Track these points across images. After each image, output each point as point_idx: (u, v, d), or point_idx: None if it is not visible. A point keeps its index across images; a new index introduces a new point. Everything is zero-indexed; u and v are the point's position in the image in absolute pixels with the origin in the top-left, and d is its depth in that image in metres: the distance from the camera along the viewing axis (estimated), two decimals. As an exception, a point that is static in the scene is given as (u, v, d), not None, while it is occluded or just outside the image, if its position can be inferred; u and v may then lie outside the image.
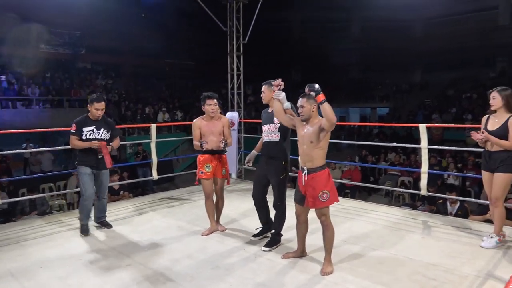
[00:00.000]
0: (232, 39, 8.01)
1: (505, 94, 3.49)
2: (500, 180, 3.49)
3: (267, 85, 3.76)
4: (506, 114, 3.49)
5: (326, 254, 3.17)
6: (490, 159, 3.57)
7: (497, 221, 3.58)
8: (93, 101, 4.12)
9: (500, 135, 3.46)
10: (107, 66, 19.42)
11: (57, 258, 3.49)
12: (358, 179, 9.58)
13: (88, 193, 4.08)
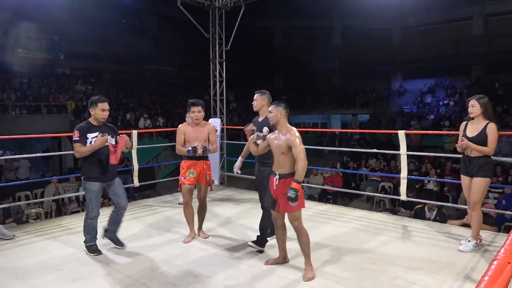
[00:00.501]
0: (214, 46, 8.02)
1: (483, 102, 3.61)
2: (479, 185, 3.58)
3: (259, 94, 3.91)
4: (484, 121, 3.60)
5: (306, 259, 3.18)
6: (470, 165, 3.66)
7: (475, 225, 3.64)
8: (96, 102, 3.62)
9: (479, 141, 3.56)
10: (87, 71, 19.08)
11: (33, 268, 3.38)
12: (339, 185, 9.68)
13: (94, 213, 3.69)
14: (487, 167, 3.59)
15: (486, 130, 3.55)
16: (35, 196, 8.80)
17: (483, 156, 3.58)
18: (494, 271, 0.96)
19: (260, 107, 3.89)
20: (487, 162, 3.59)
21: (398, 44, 24.24)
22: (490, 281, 0.91)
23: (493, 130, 3.55)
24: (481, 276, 0.94)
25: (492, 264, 0.99)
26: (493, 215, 5.60)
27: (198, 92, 21.07)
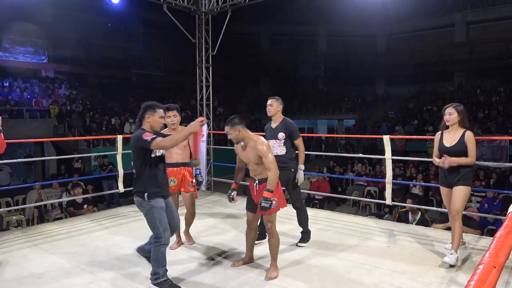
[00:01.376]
0: (201, 51, 8.01)
1: (460, 109, 3.53)
2: (461, 193, 3.48)
3: (275, 99, 4.02)
4: (460, 129, 3.51)
5: (272, 260, 3.30)
6: (450, 175, 3.55)
7: (457, 235, 3.49)
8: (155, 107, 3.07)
9: (459, 151, 3.48)
10: (71, 75, 18.79)
11: (14, 277, 3.29)
12: (326, 189, 9.73)
13: (167, 234, 3.05)
14: (468, 175, 3.51)
15: (465, 139, 3.46)
16: (16, 202, 8.59)
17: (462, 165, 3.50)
18: (480, 275, 0.97)
19: (275, 113, 4.00)
20: (468, 171, 3.52)
21: (383, 50, 24.61)
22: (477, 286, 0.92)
23: (472, 138, 3.48)
24: (467, 281, 0.94)
25: (478, 268, 0.99)
26: (476, 218, 5.69)
27: (185, 96, 20.99)
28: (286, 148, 3.97)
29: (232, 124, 3.18)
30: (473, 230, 4.70)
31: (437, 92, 21.59)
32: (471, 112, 18.04)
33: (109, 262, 3.63)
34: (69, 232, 4.57)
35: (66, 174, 11.62)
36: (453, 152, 3.50)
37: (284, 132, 3.96)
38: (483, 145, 14.40)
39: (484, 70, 20.31)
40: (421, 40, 23.31)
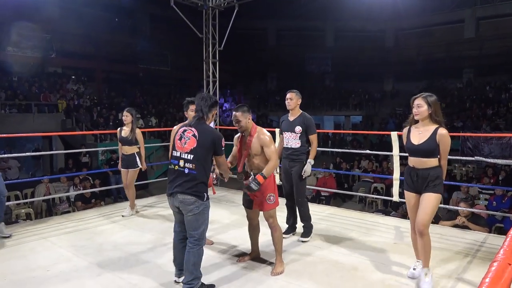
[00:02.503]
0: (207, 46, 7.99)
1: (431, 101, 2.97)
2: (430, 202, 2.90)
3: (295, 93, 4.02)
4: (432, 125, 2.96)
5: (277, 254, 3.29)
6: (418, 178, 2.98)
7: (426, 252, 2.95)
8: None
9: (428, 151, 2.93)
10: (79, 70, 18.89)
11: (22, 270, 3.33)
12: (332, 186, 9.69)
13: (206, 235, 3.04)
14: (439, 180, 2.94)
15: (436, 137, 2.90)
16: (25, 196, 8.68)
17: (432, 167, 2.94)
18: (495, 272, 0.94)
19: (295, 106, 4.02)
20: (438, 176, 2.94)
21: (391, 46, 24.39)
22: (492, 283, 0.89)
23: (445, 137, 2.91)
24: (482, 278, 0.92)
25: (492, 265, 0.97)
26: (484, 216, 5.64)
27: (191, 92, 20.99)
28: (300, 142, 3.98)
29: (243, 111, 3.17)
30: (481, 228, 4.65)
31: (446, 89, 21.38)
32: (480, 109, 17.87)
33: (116, 255, 3.65)
34: (77, 225, 4.61)
35: (74, 168, 11.71)
36: (420, 151, 2.96)
37: (301, 126, 3.97)
38: (491, 142, 14.25)
39: (493, 66, 20.06)
40: (430, 36, 23.05)
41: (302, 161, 3.99)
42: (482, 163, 11.45)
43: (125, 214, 5.00)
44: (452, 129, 16.48)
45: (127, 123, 5.05)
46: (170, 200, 2.90)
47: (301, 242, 3.99)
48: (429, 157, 2.93)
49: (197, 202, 2.79)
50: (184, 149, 2.83)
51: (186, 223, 2.87)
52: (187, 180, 2.78)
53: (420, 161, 2.96)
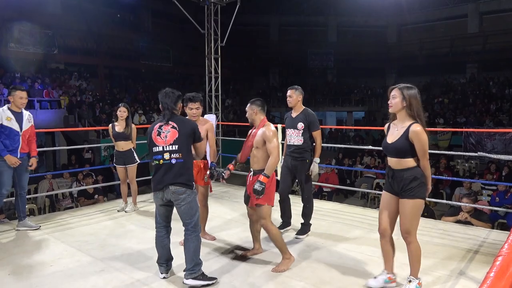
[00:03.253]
0: (209, 42, 7.97)
1: (408, 93, 2.65)
2: (409, 209, 2.67)
3: (294, 90, 3.99)
4: (408, 120, 2.66)
5: (281, 253, 3.27)
6: (394, 180, 2.73)
7: (414, 261, 2.78)
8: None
9: (401, 149, 2.65)
10: (81, 66, 18.92)
11: (26, 265, 3.35)
12: (335, 182, 9.68)
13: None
14: (415, 183, 2.63)
15: (409, 134, 2.59)
16: (28, 192, 8.71)
17: (409, 168, 2.65)
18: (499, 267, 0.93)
19: (296, 103, 3.99)
20: (414, 178, 2.64)
21: (393, 41, 24.29)
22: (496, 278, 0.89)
23: (419, 135, 2.58)
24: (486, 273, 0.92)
25: (497, 260, 0.97)
26: (486, 212, 5.63)
27: (193, 88, 20.99)
28: (303, 139, 3.94)
29: (251, 103, 3.36)
30: (483, 224, 4.65)
31: (449, 84, 21.29)
32: (483, 104, 17.78)
33: (119, 250, 3.67)
34: (80, 221, 4.64)
35: (77, 164, 11.74)
36: (392, 150, 2.70)
37: (304, 122, 3.93)
38: (494, 138, 14.20)
39: (497, 61, 19.95)
40: (433, 31, 22.93)
41: (305, 159, 3.96)
42: (485, 159, 11.42)
43: (128, 210, 5.02)
44: (455, 124, 16.44)
45: (123, 118, 5.03)
46: (160, 195, 2.97)
47: (296, 239, 3.98)
48: (403, 157, 2.65)
49: (188, 191, 2.94)
50: (167, 142, 2.93)
51: (180, 214, 2.98)
52: (177, 170, 2.91)
53: (394, 161, 2.71)
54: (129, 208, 5.05)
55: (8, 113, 4.01)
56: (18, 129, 4.07)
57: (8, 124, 3.99)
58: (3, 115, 3.98)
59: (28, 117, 4.20)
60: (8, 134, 3.99)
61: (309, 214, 4.09)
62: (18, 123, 4.06)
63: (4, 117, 3.98)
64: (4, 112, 4.00)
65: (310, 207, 4.09)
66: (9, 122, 4.00)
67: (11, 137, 4.01)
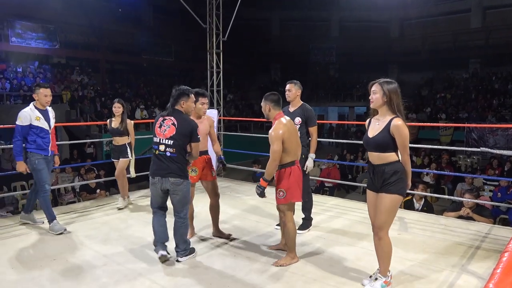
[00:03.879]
0: (211, 36, 7.95)
1: (388, 88, 2.63)
2: (385, 204, 2.65)
3: (293, 84, 3.98)
4: (389, 115, 2.65)
5: (288, 248, 3.28)
6: (375, 175, 2.72)
7: (383, 257, 2.74)
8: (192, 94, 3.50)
9: (381, 144, 2.64)
10: (83, 61, 18.92)
11: (30, 258, 3.37)
12: (336, 177, 9.69)
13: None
14: (395, 178, 2.63)
15: (390, 129, 2.59)
16: (31, 186, 8.75)
17: (389, 163, 2.64)
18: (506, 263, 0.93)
19: (295, 97, 3.98)
20: (395, 172, 2.63)
21: (396, 36, 24.15)
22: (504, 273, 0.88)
23: (400, 129, 2.56)
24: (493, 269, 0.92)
25: (503, 256, 0.96)
26: (488, 207, 5.63)
27: (195, 83, 20.95)
28: (300, 133, 3.88)
29: (265, 98, 3.34)
30: (485, 219, 4.65)
31: (451, 79, 21.20)
32: (485, 99, 17.71)
33: (121, 244, 3.69)
34: (83, 215, 4.66)
35: (79, 159, 11.77)
36: (373, 145, 2.69)
37: (302, 117, 3.93)
38: (497, 133, 14.16)
39: (500, 56, 19.81)
40: (436, 26, 22.77)
41: (301, 154, 3.88)
42: (487, 155, 11.39)
43: (119, 206, 4.93)
44: (457, 120, 16.39)
45: (118, 114, 4.99)
46: (158, 184, 3.20)
47: (297, 234, 3.95)
48: (383, 151, 2.64)
49: (185, 182, 3.24)
50: (164, 136, 3.19)
51: (175, 202, 3.25)
52: (172, 163, 3.18)
53: (375, 156, 2.70)
54: (120, 204, 4.95)
55: (36, 113, 3.96)
56: (47, 127, 4.04)
57: (38, 123, 3.95)
58: (32, 114, 3.93)
59: (53, 114, 4.18)
60: (39, 134, 3.96)
61: (309, 209, 4.09)
62: (46, 121, 4.02)
63: (34, 117, 3.93)
64: (33, 112, 3.95)
65: (309, 201, 4.09)
66: (39, 121, 3.95)
67: (42, 136, 3.98)
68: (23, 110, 3.96)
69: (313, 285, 2.90)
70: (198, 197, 5.58)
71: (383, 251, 2.73)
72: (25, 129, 3.90)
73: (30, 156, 3.95)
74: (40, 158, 3.98)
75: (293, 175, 3.21)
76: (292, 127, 3.29)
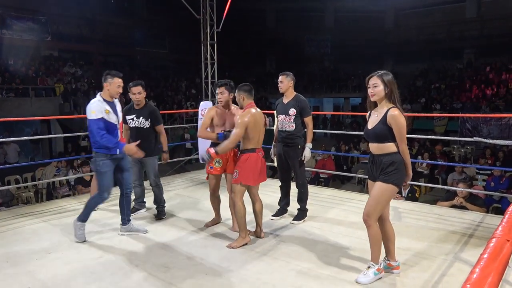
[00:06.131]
0: (205, 27, 7.88)
1: (388, 80, 2.68)
2: (377, 192, 2.70)
3: (285, 75, 3.99)
4: (387, 106, 2.69)
5: (239, 231, 3.46)
6: (374, 165, 2.78)
7: (373, 245, 2.78)
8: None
9: (379, 134, 2.69)
10: (76, 54, 18.72)
11: (25, 252, 3.37)
12: (331, 168, 9.73)
13: None
14: (392, 168, 2.66)
15: (387, 119, 2.62)
16: (25, 180, 8.72)
17: (388, 153, 2.68)
18: (493, 248, 0.95)
19: (287, 89, 3.99)
20: (392, 163, 2.66)
21: (391, 26, 24.09)
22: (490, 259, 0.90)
23: (397, 118, 2.60)
24: (480, 254, 0.93)
25: (490, 242, 0.98)
26: (482, 196, 5.69)
27: (190, 75, 20.84)
28: (295, 124, 3.96)
29: (239, 89, 3.52)
30: (478, 208, 4.70)
31: (446, 70, 21.22)
32: (480, 89, 17.79)
33: (116, 238, 3.69)
34: (78, 208, 4.63)
35: (73, 152, 11.72)
36: (372, 136, 2.74)
37: (295, 108, 3.94)
38: (491, 123, 14.25)
39: (494, 47, 19.83)
40: (431, 16, 22.72)
41: (297, 144, 3.97)
42: (481, 144, 11.48)
43: None
44: (452, 110, 16.46)
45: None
46: None
47: (293, 224, 4.01)
48: (381, 141, 2.68)
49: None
50: None
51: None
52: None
53: (374, 146, 2.74)
54: None
55: (105, 105, 3.45)
56: (116, 122, 3.54)
57: (107, 117, 3.44)
58: (101, 106, 3.42)
59: (119, 107, 3.70)
60: (109, 129, 3.46)
61: (305, 200, 4.11)
62: (115, 115, 3.53)
63: (103, 110, 3.42)
64: (102, 104, 3.44)
65: (305, 192, 4.11)
66: (108, 115, 3.44)
67: (111, 131, 3.48)
68: (93, 102, 3.44)
69: (308, 275, 2.92)
70: (195, 188, 5.59)
71: (373, 239, 2.77)
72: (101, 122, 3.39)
73: (96, 157, 3.48)
74: (105, 159, 3.48)
75: (249, 161, 3.40)
76: (259, 118, 3.46)
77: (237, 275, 2.93)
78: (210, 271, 2.99)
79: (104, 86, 3.55)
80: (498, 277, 0.87)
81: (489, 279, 0.82)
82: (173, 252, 3.34)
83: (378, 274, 2.78)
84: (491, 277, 0.83)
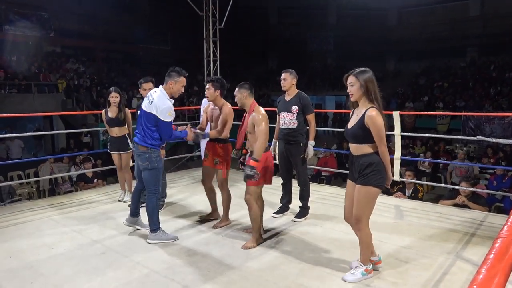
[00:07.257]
0: (208, 24, 7.87)
1: (364, 78, 2.61)
2: (359, 196, 2.65)
3: (289, 73, 3.98)
4: (367, 105, 2.62)
5: (253, 232, 3.40)
6: (353, 166, 2.72)
7: (363, 248, 2.78)
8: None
9: (357, 135, 2.62)
10: (78, 50, 18.73)
11: (27, 247, 3.38)
12: (333, 165, 9.71)
13: None
14: (370, 169, 2.59)
15: (365, 119, 2.54)
16: (28, 175, 8.75)
17: (366, 154, 2.61)
18: (498, 249, 0.94)
19: (290, 86, 3.99)
20: (369, 164, 2.58)
21: (394, 24, 24.01)
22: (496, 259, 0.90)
23: (374, 119, 2.52)
24: (486, 254, 0.93)
25: (496, 242, 0.97)
26: (484, 195, 5.67)
27: (192, 72, 20.80)
28: (297, 122, 3.95)
29: (240, 87, 3.45)
30: (480, 207, 4.69)
31: (449, 68, 21.15)
32: (483, 88, 17.71)
33: (119, 234, 3.70)
34: (80, 205, 4.66)
35: (76, 148, 11.74)
36: (350, 136, 2.70)
37: (298, 106, 3.94)
38: (493, 122, 14.20)
39: (498, 45, 19.76)
40: (434, 14, 22.63)
41: (299, 142, 3.97)
42: (484, 143, 11.44)
43: (126, 200, 4.75)
44: (455, 108, 16.41)
45: (115, 104, 4.73)
46: None
47: (294, 222, 4.00)
48: (359, 142, 2.63)
49: None
50: None
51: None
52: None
53: (353, 147, 2.69)
54: (126, 197, 4.81)
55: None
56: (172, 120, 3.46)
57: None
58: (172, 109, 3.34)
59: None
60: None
61: (307, 197, 4.11)
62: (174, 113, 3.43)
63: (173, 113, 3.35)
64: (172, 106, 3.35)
65: (307, 190, 4.11)
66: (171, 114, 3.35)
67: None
68: (167, 103, 3.31)
69: (310, 272, 2.93)
70: (197, 185, 5.60)
71: (363, 242, 2.76)
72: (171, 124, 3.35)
73: (151, 153, 3.36)
74: (159, 154, 3.47)
75: (268, 161, 3.39)
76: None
77: (239, 272, 2.94)
78: (212, 268, 2.99)
79: (168, 83, 3.41)
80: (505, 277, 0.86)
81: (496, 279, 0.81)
82: (174, 249, 3.35)
83: (366, 274, 2.77)
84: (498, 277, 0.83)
